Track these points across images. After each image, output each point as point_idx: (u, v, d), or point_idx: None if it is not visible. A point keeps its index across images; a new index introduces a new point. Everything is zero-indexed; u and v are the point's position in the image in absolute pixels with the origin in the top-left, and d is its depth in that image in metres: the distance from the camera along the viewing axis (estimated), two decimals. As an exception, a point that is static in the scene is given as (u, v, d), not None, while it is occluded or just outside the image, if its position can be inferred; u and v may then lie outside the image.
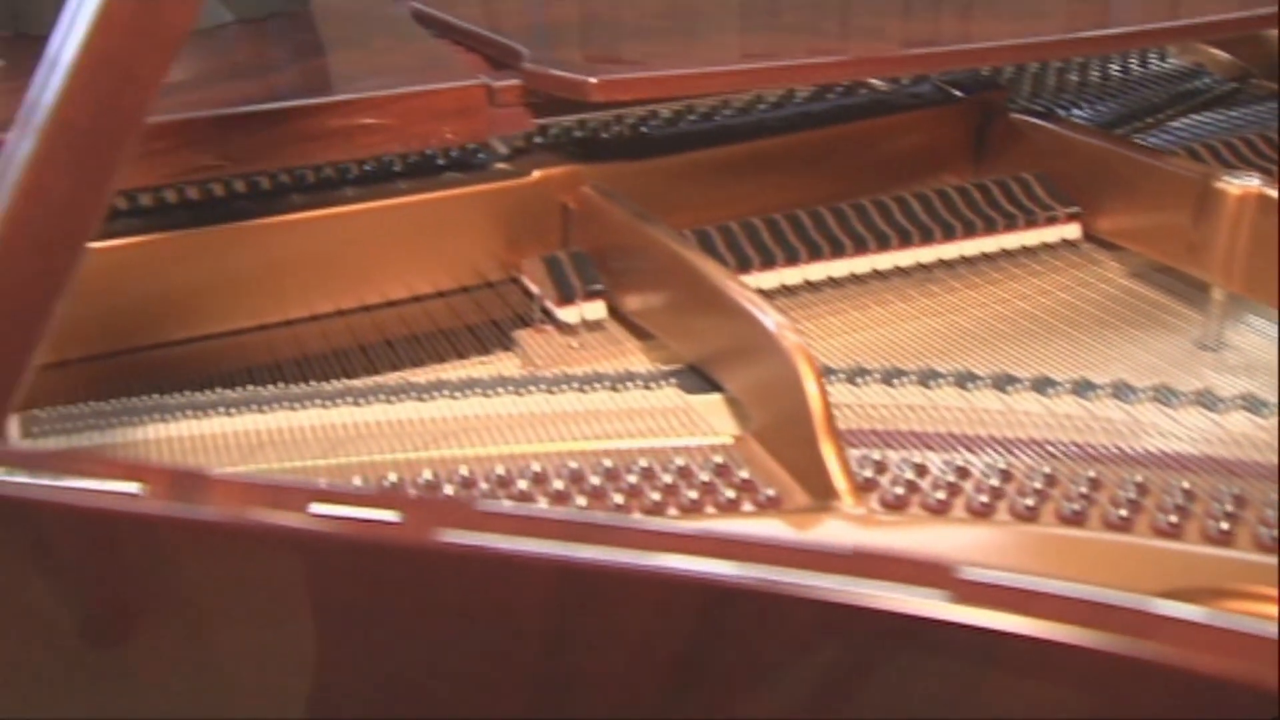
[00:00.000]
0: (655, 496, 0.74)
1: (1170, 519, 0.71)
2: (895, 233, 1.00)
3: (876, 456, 0.77)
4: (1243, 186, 0.93)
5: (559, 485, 0.75)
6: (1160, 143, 1.19)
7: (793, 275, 0.97)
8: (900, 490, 0.74)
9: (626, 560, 0.45)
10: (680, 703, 0.49)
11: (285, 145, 0.90)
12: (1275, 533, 0.70)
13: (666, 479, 0.75)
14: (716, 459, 0.78)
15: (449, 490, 0.75)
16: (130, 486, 0.48)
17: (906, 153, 1.13)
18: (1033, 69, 1.33)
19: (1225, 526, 0.71)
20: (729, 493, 0.74)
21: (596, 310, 0.93)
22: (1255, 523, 0.71)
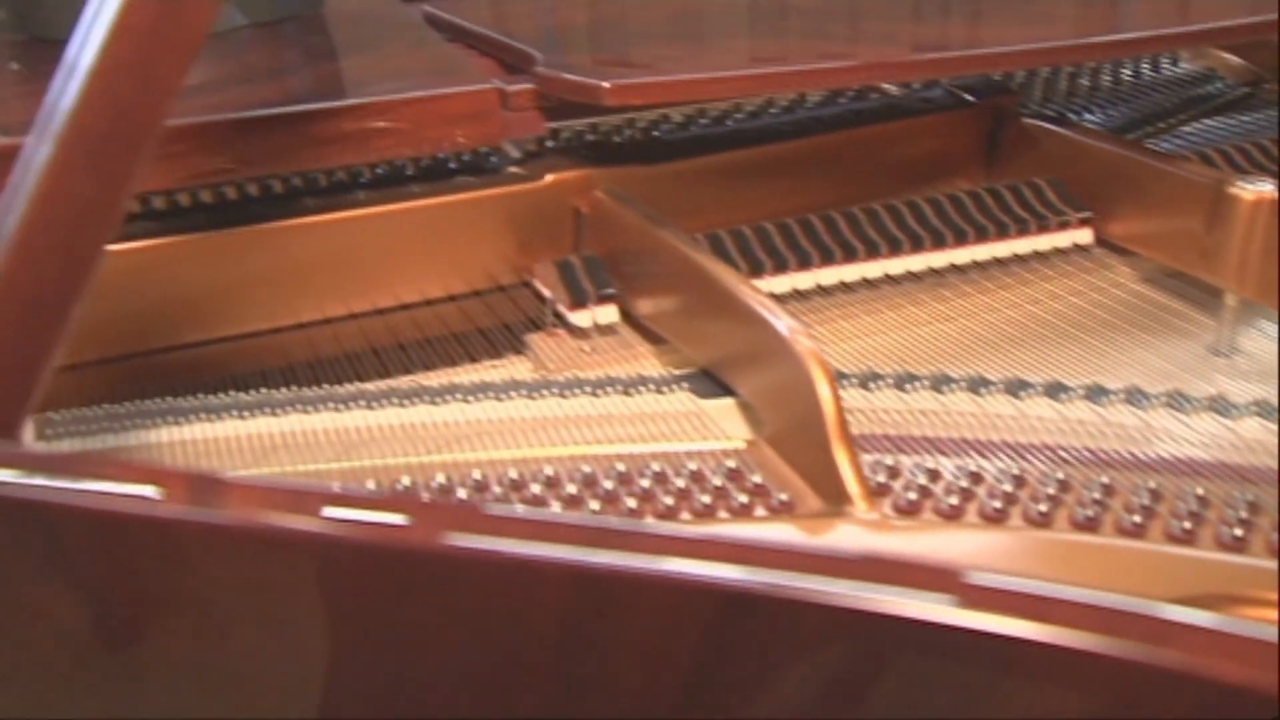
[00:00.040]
0: (668, 501, 0.74)
1: (1184, 525, 0.71)
2: (907, 237, 1.00)
3: (889, 461, 0.77)
4: (1256, 192, 0.93)
5: (572, 489, 0.75)
6: (1172, 147, 1.19)
7: (805, 279, 0.97)
8: (913, 495, 0.74)
9: (642, 565, 0.45)
10: (692, 707, 0.49)
11: (298, 149, 0.90)
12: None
13: (679, 483, 0.76)
14: (729, 463, 0.77)
15: (462, 494, 0.75)
16: (147, 490, 0.48)
17: (918, 157, 1.13)
18: (1044, 73, 1.33)
19: (1239, 533, 0.70)
20: (742, 497, 0.74)
21: (609, 314, 0.93)
22: (1269, 529, 0.71)
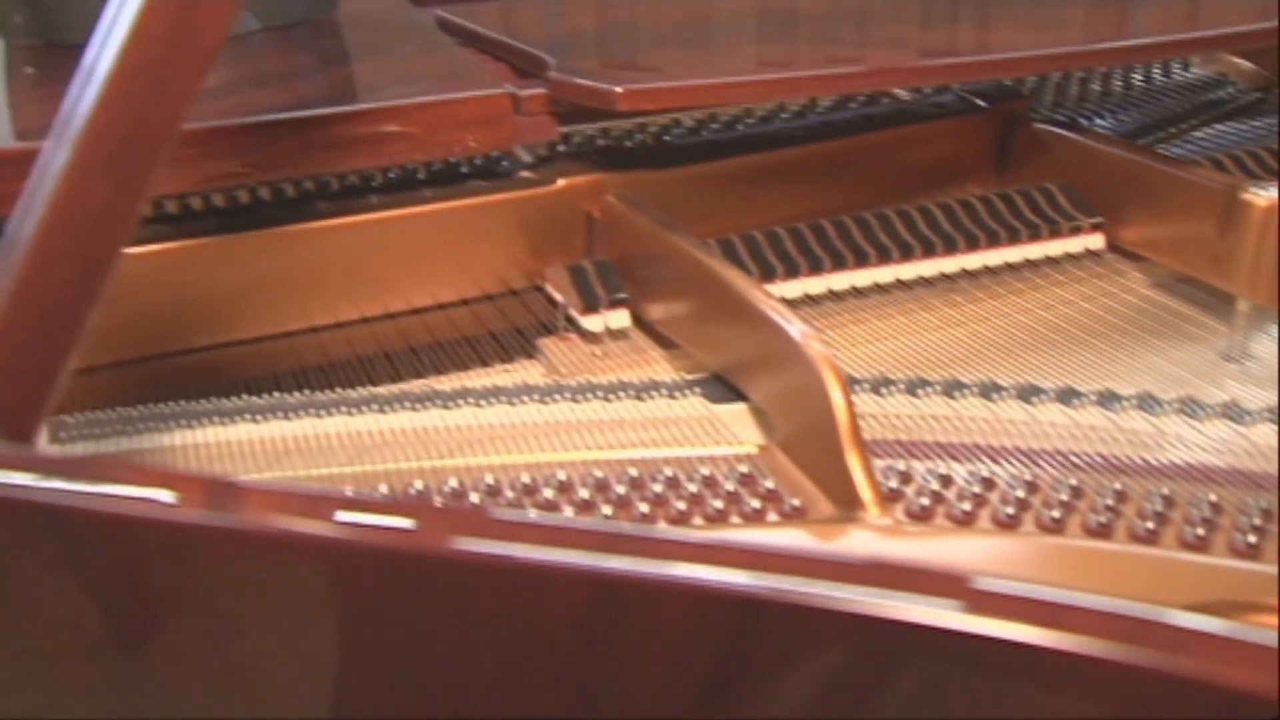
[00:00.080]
0: (680, 506, 0.74)
1: (1198, 531, 0.71)
2: (919, 242, 1.00)
3: (901, 467, 0.77)
4: (1269, 198, 0.93)
5: (584, 494, 0.75)
6: (1183, 153, 1.19)
7: (816, 284, 0.97)
8: (925, 501, 0.74)
9: (657, 571, 0.45)
10: (703, 712, 0.49)
11: (311, 153, 0.90)
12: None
13: (691, 488, 0.76)
14: (741, 468, 0.78)
15: (475, 498, 0.75)
16: (163, 494, 0.49)
17: (930, 162, 1.13)
18: (1055, 78, 1.32)
19: (1253, 540, 0.70)
20: (754, 502, 0.75)
21: (621, 319, 0.94)
22: (1283, 536, 0.71)
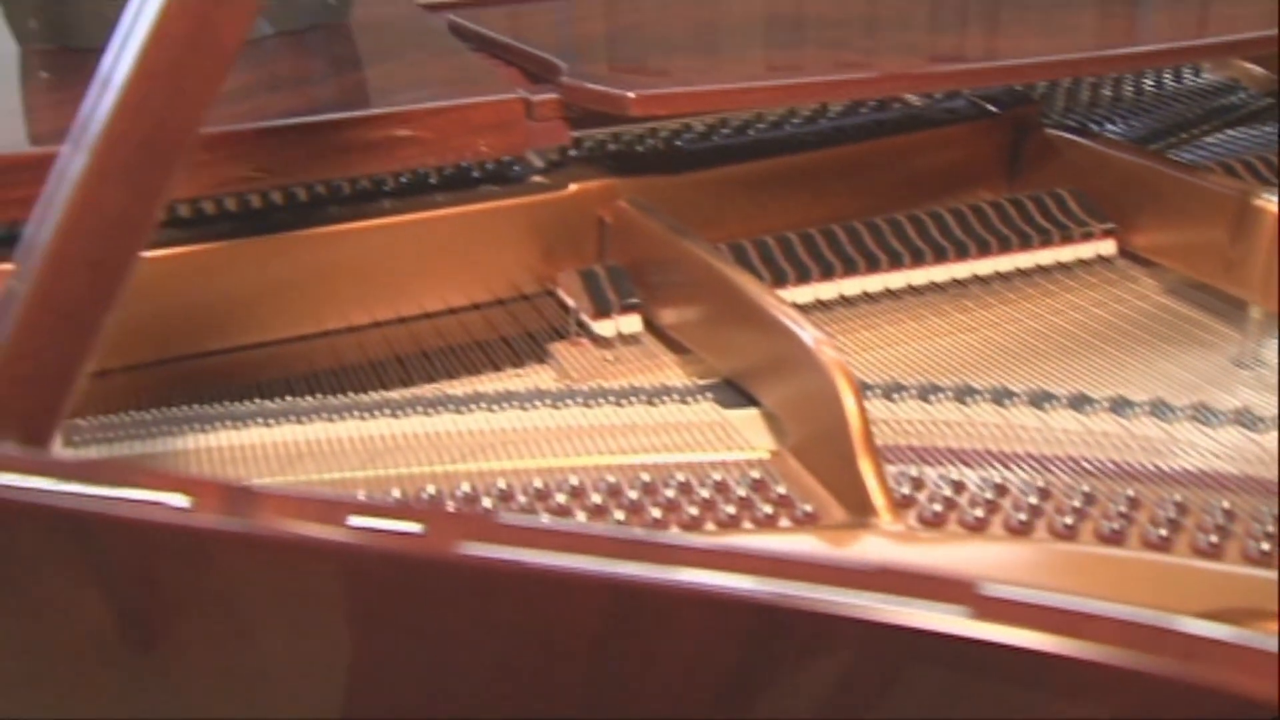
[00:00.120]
0: (693, 511, 0.74)
1: (1211, 539, 0.71)
2: (930, 248, 1.00)
3: (914, 473, 0.77)
4: (1282, 204, 0.93)
5: (597, 499, 0.75)
6: (1195, 158, 1.19)
7: (827, 290, 0.97)
8: (938, 507, 0.74)
9: (676, 578, 0.45)
10: (713, 718, 0.50)
11: (323, 158, 0.90)
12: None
13: (704, 493, 0.76)
14: (753, 474, 0.78)
15: (487, 503, 0.75)
16: (181, 500, 0.49)
17: (941, 167, 1.13)
18: (1066, 83, 1.32)
19: (1266, 547, 0.70)
20: (766, 508, 0.75)
21: (632, 324, 0.93)
22: (1296, 543, 0.71)
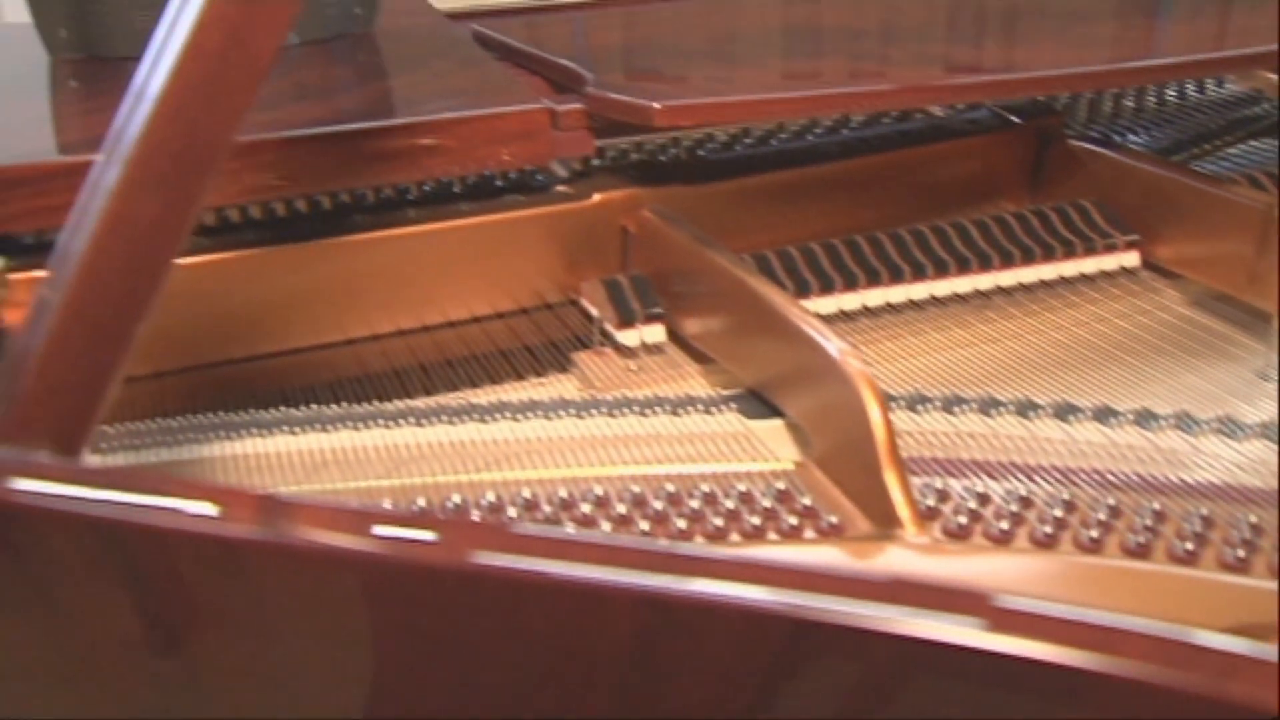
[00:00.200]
0: (718, 522, 0.74)
1: (1238, 553, 0.71)
2: (953, 259, 1.00)
3: (938, 485, 0.77)
4: (1309, 217, 0.92)
5: (622, 509, 0.75)
6: (1217, 169, 1.19)
7: (851, 301, 0.98)
8: (963, 519, 0.74)
9: (709, 591, 0.45)
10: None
11: (348, 166, 0.91)
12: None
13: (729, 504, 0.76)
14: (778, 485, 0.78)
15: (513, 512, 0.75)
16: (213, 509, 0.49)
17: (963, 178, 1.13)
18: (1089, 95, 1.32)
19: (1293, 561, 0.70)
20: (791, 519, 0.75)
21: (656, 334, 0.94)
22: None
